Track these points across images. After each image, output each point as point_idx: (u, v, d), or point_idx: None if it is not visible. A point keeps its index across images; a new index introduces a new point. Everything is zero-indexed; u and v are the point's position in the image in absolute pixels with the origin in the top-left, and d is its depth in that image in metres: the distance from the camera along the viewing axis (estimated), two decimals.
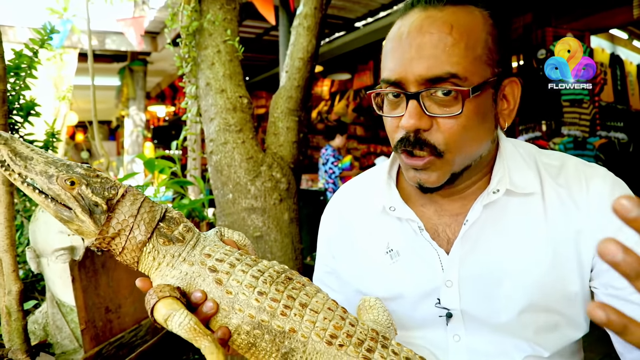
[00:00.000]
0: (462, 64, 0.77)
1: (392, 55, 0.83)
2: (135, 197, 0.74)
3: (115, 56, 7.91)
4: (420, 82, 0.79)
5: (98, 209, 0.71)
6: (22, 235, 2.33)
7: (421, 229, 0.92)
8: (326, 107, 9.49)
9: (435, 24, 0.79)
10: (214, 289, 0.70)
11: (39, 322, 1.99)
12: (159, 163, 3.04)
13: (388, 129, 0.88)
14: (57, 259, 1.85)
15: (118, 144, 14.36)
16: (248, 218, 2.28)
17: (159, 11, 6.11)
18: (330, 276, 1.10)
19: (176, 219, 0.76)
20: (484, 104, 0.82)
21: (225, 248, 0.76)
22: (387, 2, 5.75)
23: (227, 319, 0.70)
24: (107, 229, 0.72)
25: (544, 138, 4.89)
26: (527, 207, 0.88)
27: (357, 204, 1.06)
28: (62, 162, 0.73)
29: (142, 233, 0.73)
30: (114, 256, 0.77)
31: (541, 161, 0.92)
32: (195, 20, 2.35)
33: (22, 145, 0.72)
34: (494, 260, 0.88)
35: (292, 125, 2.43)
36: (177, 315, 0.66)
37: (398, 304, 0.94)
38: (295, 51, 2.40)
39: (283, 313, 0.68)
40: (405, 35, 0.80)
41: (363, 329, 0.71)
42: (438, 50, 0.77)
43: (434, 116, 0.80)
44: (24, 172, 0.70)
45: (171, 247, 0.74)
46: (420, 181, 0.85)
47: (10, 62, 1.85)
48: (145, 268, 0.75)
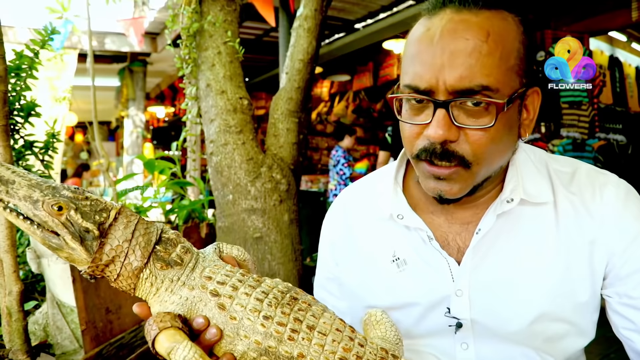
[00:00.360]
0: (495, 76, 0.73)
1: (420, 59, 0.76)
2: (128, 220, 0.69)
3: (115, 57, 7.91)
4: (450, 92, 0.74)
5: (89, 235, 0.66)
6: (22, 235, 2.33)
7: (430, 238, 0.89)
8: (325, 108, 9.50)
9: (471, 30, 0.73)
10: (217, 314, 0.67)
11: (39, 323, 1.99)
12: (159, 164, 3.04)
13: (407, 135, 0.82)
14: (58, 259, 1.85)
15: (117, 145, 14.34)
16: (248, 219, 2.28)
17: (158, 12, 6.11)
18: (331, 282, 1.07)
19: (173, 240, 0.72)
20: (512, 115, 0.79)
21: (226, 268, 0.72)
22: (387, 3, 5.76)
23: (232, 346, 0.66)
24: (100, 256, 0.67)
25: (543, 140, 4.89)
26: (539, 216, 0.86)
27: (362, 209, 1.02)
28: (47, 184, 0.67)
29: (138, 259, 0.68)
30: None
31: (553, 168, 0.90)
32: (196, 21, 2.35)
33: (2, 168, 0.66)
34: (505, 269, 0.86)
35: (292, 126, 2.44)
36: (181, 349, 0.62)
37: (405, 313, 0.92)
38: (295, 53, 2.40)
39: (290, 338, 0.66)
40: (438, 38, 0.74)
41: (372, 349, 0.69)
42: (472, 59, 0.72)
43: (462, 127, 0.75)
44: (6, 197, 0.65)
45: (169, 271, 0.70)
46: (441, 192, 0.81)
47: (11, 62, 1.85)
48: (142, 294, 0.71)
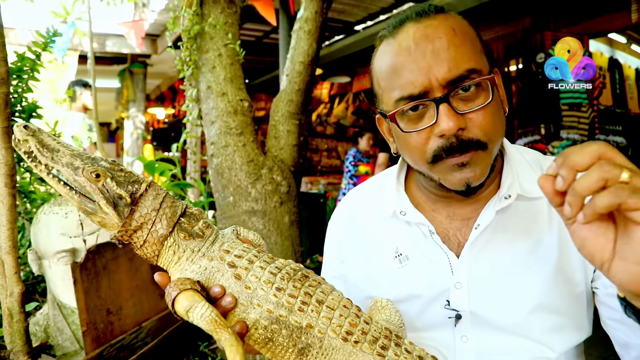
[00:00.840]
0: (475, 59, 0.82)
1: (405, 69, 0.82)
2: (157, 192, 0.75)
3: (115, 58, 7.92)
4: (444, 85, 0.80)
5: (122, 201, 0.73)
6: (23, 237, 2.34)
7: (432, 232, 0.94)
8: (325, 109, 9.51)
9: (439, 29, 0.82)
10: (233, 283, 0.72)
11: (40, 324, 1.99)
12: (160, 165, 3.04)
13: (413, 145, 0.86)
14: (59, 260, 1.85)
15: (117, 146, 14.33)
16: (249, 221, 2.29)
17: (159, 14, 6.13)
18: (337, 281, 1.11)
19: (196, 215, 0.78)
20: (496, 91, 0.85)
21: (243, 245, 0.77)
22: (386, 5, 5.77)
23: (245, 314, 0.71)
24: (130, 221, 0.73)
25: (543, 141, 4.90)
26: (534, 211, 0.91)
27: (366, 208, 1.08)
28: (87, 155, 0.74)
29: (164, 227, 0.74)
30: (126, 252, 0.79)
31: (546, 165, 0.95)
32: (197, 23, 2.36)
33: (49, 138, 0.73)
34: (503, 262, 0.90)
35: (292, 128, 2.44)
36: (199, 307, 0.67)
37: (407, 306, 0.96)
38: (296, 55, 2.41)
39: (300, 309, 0.70)
40: (414, 47, 0.81)
41: (377, 327, 0.73)
42: (452, 51, 0.80)
43: (466, 112, 0.81)
44: (51, 163, 0.72)
45: (191, 242, 0.75)
46: (468, 180, 0.84)
47: (13, 64, 1.85)
48: (164, 262, 0.76)
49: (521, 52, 5.09)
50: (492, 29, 5.28)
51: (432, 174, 0.88)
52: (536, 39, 4.95)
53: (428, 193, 0.98)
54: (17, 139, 0.72)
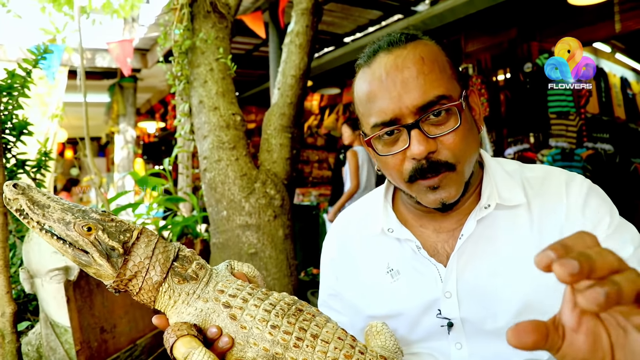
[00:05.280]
0: (444, 85, 0.87)
1: (378, 98, 0.89)
2: (149, 239, 0.77)
3: (105, 73, 7.90)
4: (414, 112, 0.86)
5: (115, 252, 0.74)
6: (14, 255, 2.31)
7: (419, 247, 0.98)
8: (316, 121, 9.54)
9: (408, 60, 0.88)
10: (229, 324, 0.73)
11: (32, 344, 1.96)
12: (152, 180, 3.03)
13: (390, 166, 0.93)
14: (52, 279, 1.83)
15: (108, 160, 14.26)
16: (242, 235, 2.28)
17: (148, 28, 6.14)
18: (334, 299, 1.15)
19: (189, 257, 0.80)
20: (467, 113, 0.92)
21: (237, 283, 0.79)
22: (375, 17, 5.84)
23: (243, 353, 0.72)
24: (125, 271, 0.75)
25: (532, 150, 4.95)
26: (515, 217, 0.95)
27: (357, 227, 1.13)
28: (77, 208, 0.76)
29: (158, 274, 0.76)
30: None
31: (525, 176, 1.00)
32: (188, 38, 2.37)
33: (39, 194, 0.75)
34: (488, 269, 0.94)
35: (285, 141, 2.45)
36: (197, 354, 0.69)
37: (402, 318, 0.99)
38: (287, 69, 2.42)
39: (296, 345, 0.71)
40: (385, 77, 0.88)
41: (372, 356, 0.75)
42: (420, 79, 0.86)
43: (436, 137, 0.87)
44: (42, 220, 0.74)
45: (186, 285, 0.77)
46: (442, 199, 0.90)
47: (3, 81, 1.85)
48: (161, 306, 0.78)
49: (509, 62, 5.16)
50: (479, 39, 5.36)
51: (410, 193, 0.94)
52: (523, 49, 5.03)
53: (413, 209, 1.03)
54: (8, 198, 0.74)
